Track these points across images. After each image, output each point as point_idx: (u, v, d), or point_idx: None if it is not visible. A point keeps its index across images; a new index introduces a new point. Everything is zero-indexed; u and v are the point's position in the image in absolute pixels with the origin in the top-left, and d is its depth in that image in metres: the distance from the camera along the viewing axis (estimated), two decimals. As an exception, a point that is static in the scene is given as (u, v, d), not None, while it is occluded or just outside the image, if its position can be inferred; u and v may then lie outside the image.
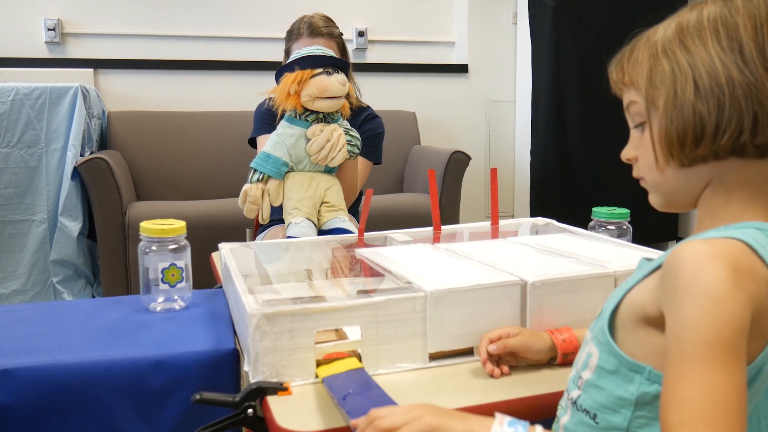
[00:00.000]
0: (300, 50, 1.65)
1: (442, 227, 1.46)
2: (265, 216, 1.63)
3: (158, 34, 3.39)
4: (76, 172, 2.63)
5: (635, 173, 0.73)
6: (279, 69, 1.64)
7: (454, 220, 3.08)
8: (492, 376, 0.88)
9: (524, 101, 3.74)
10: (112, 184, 2.62)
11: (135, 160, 3.10)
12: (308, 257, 1.36)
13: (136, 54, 3.36)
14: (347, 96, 2.04)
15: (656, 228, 3.60)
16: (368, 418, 0.70)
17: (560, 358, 0.91)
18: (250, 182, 1.62)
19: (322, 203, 1.65)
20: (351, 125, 2.05)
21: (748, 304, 0.58)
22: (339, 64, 1.62)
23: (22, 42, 3.23)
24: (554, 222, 1.47)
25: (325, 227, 1.63)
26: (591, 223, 1.48)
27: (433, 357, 0.92)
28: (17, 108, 2.61)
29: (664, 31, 0.68)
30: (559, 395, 0.78)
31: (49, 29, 3.24)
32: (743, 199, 0.66)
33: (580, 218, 1.60)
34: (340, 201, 1.67)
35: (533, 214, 3.35)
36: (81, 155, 2.68)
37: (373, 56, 3.74)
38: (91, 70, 3.27)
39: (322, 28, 1.95)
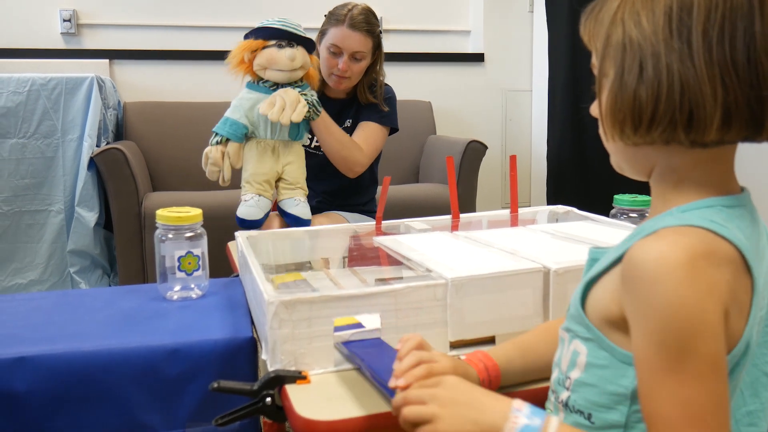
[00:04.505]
0: (265, 21, 1.69)
1: (461, 215, 1.43)
2: (226, 178, 1.62)
3: (173, 25, 3.38)
4: (92, 163, 2.63)
5: (600, 131, 0.70)
6: (245, 35, 1.70)
7: (471, 209, 3.05)
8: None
9: (541, 90, 3.69)
10: (128, 175, 2.62)
11: (151, 150, 3.10)
12: (325, 246, 1.35)
13: (152, 45, 3.36)
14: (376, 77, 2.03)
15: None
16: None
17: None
18: (210, 145, 1.62)
19: (280, 179, 1.66)
20: (364, 101, 2.06)
21: (715, 298, 0.55)
22: (297, 39, 1.65)
23: (38, 33, 3.24)
24: (575, 210, 1.44)
25: (281, 206, 1.66)
26: (612, 211, 1.45)
27: (454, 345, 0.91)
28: (33, 98, 2.62)
29: None
30: None
31: (64, 20, 3.24)
32: (695, 181, 0.63)
33: (597, 208, 1.58)
34: (298, 178, 1.68)
35: (550, 204, 3.32)
36: (97, 146, 2.68)
37: (389, 45, 3.70)
38: (107, 60, 3.27)
39: (362, 23, 1.94)
